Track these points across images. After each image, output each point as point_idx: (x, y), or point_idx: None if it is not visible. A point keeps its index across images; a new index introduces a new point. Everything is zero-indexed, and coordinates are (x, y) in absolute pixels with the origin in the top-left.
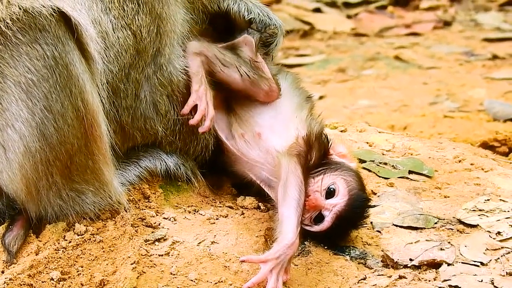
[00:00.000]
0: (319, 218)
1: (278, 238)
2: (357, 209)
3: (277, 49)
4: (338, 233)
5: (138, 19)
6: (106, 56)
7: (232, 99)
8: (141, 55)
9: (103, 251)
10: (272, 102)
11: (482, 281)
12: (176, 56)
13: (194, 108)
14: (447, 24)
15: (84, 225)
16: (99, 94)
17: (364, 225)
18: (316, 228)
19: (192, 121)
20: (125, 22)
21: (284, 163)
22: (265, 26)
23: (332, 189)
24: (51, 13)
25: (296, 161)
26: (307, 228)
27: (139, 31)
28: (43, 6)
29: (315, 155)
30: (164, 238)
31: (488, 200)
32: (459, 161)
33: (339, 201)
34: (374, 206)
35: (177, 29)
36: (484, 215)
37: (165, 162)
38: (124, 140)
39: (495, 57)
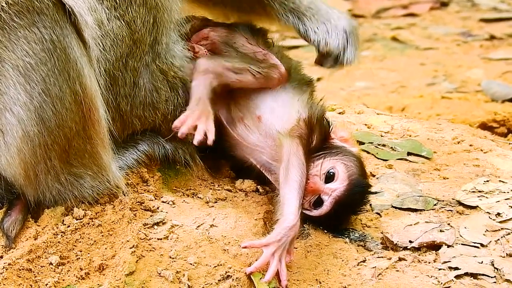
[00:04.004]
0: (318, 203)
1: (279, 220)
2: (357, 195)
3: (351, 59)
4: (337, 218)
5: (131, 11)
6: (103, 44)
7: None
8: (137, 44)
9: (102, 235)
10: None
11: (482, 262)
12: (174, 43)
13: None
14: (444, 4)
15: (83, 210)
16: (97, 80)
17: (364, 211)
18: (315, 212)
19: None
20: (118, 14)
21: (285, 144)
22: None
23: (331, 173)
24: None
25: (298, 142)
26: (306, 212)
27: (133, 22)
28: None
29: (316, 138)
30: (163, 221)
31: (487, 181)
32: (458, 142)
33: (338, 186)
34: (375, 193)
35: (174, 18)
36: (484, 196)
37: (163, 146)
38: (124, 127)
39: (492, 37)
